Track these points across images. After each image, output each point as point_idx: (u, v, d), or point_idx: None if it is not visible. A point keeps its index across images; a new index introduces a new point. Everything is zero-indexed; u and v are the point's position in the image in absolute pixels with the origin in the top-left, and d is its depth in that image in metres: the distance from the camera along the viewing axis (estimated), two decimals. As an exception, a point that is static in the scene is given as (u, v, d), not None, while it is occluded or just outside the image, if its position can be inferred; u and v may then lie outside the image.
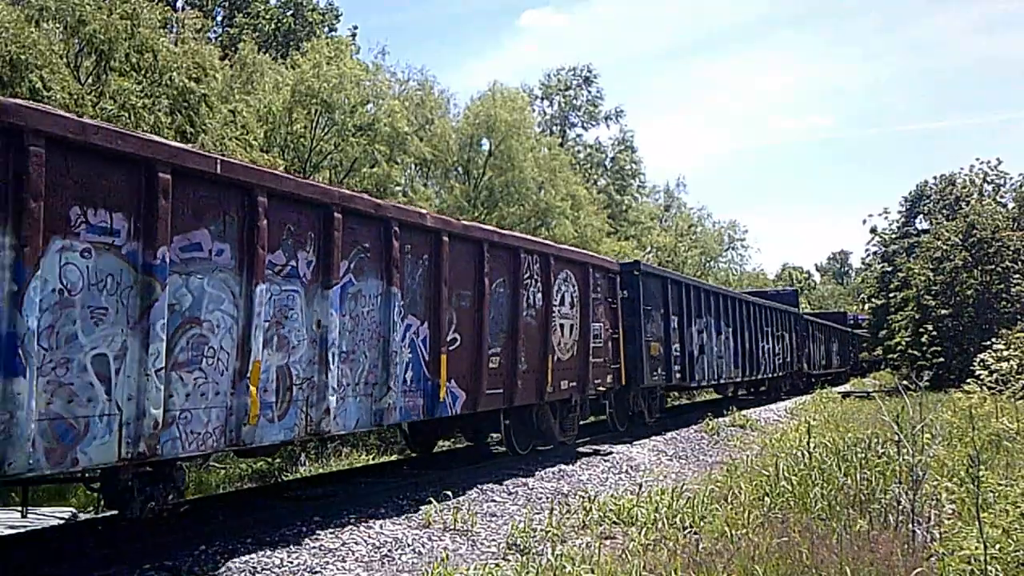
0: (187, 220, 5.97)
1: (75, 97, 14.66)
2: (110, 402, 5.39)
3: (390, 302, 8.08)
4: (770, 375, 24.81)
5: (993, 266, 28.56)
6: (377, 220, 7.97)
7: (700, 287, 19.07)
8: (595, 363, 12.53)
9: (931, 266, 30.40)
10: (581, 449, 12.77)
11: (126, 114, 15.11)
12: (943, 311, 29.04)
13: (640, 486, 8.97)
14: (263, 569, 5.99)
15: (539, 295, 10.92)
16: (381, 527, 7.33)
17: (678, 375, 16.35)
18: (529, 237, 11.71)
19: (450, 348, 9.08)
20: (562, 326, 11.56)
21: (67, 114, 5.38)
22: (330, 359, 7.24)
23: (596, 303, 12.65)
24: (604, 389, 13.22)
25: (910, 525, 6.29)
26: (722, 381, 20.39)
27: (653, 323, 15.16)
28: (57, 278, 5.09)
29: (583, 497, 8.50)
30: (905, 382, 10.42)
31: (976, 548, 5.07)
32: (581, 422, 13.07)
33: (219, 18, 34.79)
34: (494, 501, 8.80)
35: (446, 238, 8.94)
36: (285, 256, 6.88)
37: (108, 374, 5.39)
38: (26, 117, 4.91)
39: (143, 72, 16.44)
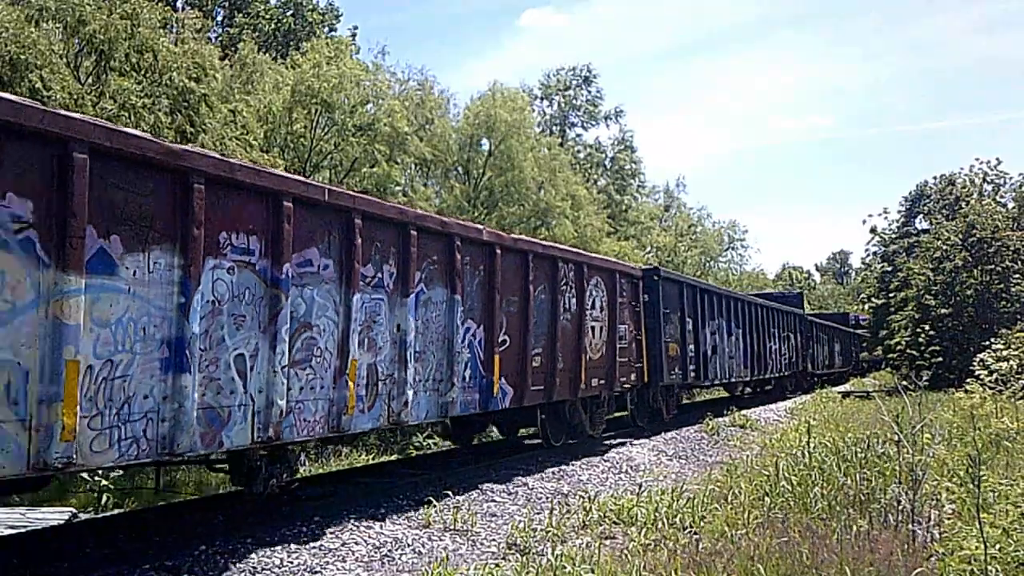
0: (302, 240, 7.05)
1: (75, 97, 14.66)
2: (246, 394, 6.44)
3: (453, 308, 9.13)
4: (777, 375, 25.68)
5: (993, 266, 28.56)
6: (443, 236, 9.03)
7: (713, 291, 19.93)
8: (621, 362, 13.39)
9: (931, 266, 30.41)
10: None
11: (126, 114, 15.11)
12: (943, 311, 29.04)
13: (640, 486, 8.98)
14: (263, 569, 5.99)
15: (573, 300, 11.89)
16: (381, 527, 7.34)
17: (693, 374, 17.16)
18: (566, 247, 12.85)
19: (501, 349, 10.08)
20: (593, 328, 12.47)
21: (223, 157, 6.49)
22: (407, 358, 8.32)
23: (622, 307, 13.54)
24: (629, 387, 14.03)
25: (910, 525, 6.29)
26: (733, 380, 21.18)
27: (671, 325, 16.00)
28: (211, 291, 6.16)
29: (583, 497, 8.50)
30: (905, 382, 10.44)
31: (976, 548, 5.08)
32: (607, 417, 13.86)
33: (219, 18, 34.80)
34: (494, 501, 8.80)
35: (498, 251, 9.96)
36: (373, 269, 7.97)
37: (245, 370, 6.43)
38: (193, 161, 6.00)
39: (143, 72, 16.45)
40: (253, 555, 6.26)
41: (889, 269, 37.11)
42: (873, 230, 40.91)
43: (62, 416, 5.04)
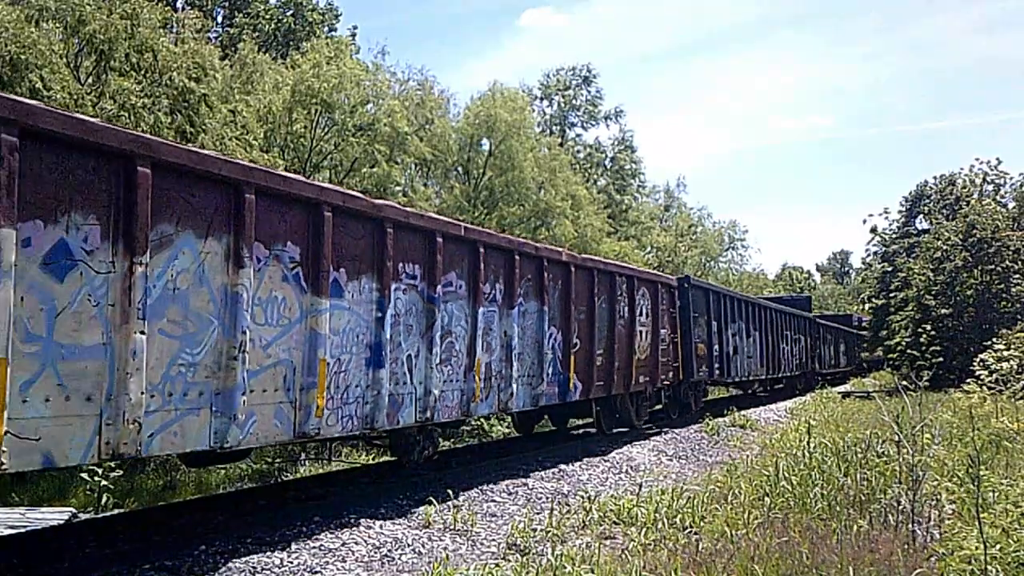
0: (446, 266, 9.07)
1: (75, 97, 14.67)
2: (411, 384, 8.54)
3: (542, 317, 11.08)
4: (788, 374, 27.50)
5: (993, 266, 28.56)
6: (536, 258, 10.94)
7: (734, 296, 21.89)
8: (662, 361, 15.35)
9: (931, 266, 30.41)
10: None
11: (126, 114, 15.12)
12: (943, 311, 29.04)
13: (640, 486, 8.97)
14: (263, 569, 5.99)
15: (626, 308, 13.80)
16: (381, 527, 7.34)
17: (717, 371, 18.99)
18: (622, 264, 15.14)
19: (574, 350, 11.93)
20: (641, 332, 14.36)
21: (403, 207, 8.57)
22: (512, 359, 10.30)
23: (662, 313, 15.45)
24: (668, 383, 15.91)
25: (910, 525, 6.29)
26: (750, 378, 22.87)
27: (699, 328, 17.76)
28: (394, 307, 8.24)
29: (583, 497, 8.51)
30: (905, 382, 10.44)
31: (976, 548, 5.08)
32: (649, 409, 15.64)
33: (219, 18, 34.81)
34: (494, 501, 8.80)
35: (572, 268, 11.84)
36: (490, 288, 9.91)
37: (411, 367, 8.55)
38: (388, 212, 8.12)
39: (143, 72, 16.45)
40: (253, 555, 6.26)
41: (889, 269, 37.12)
42: (873, 230, 40.92)
43: (316, 399, 7.14)
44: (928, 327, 28.61)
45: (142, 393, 5.54)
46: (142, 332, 5.54)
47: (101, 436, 5.33)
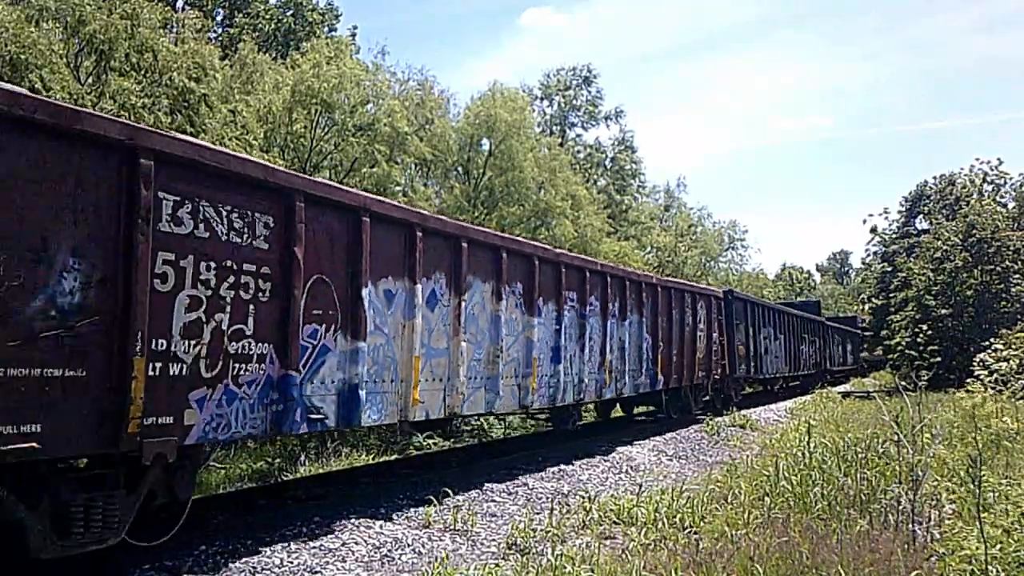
0: (591, 291, 12.56)
1: (75, 97, 14.66)
2: (572, 375, 12.01)
3: (641, 326, 14.70)
4: (805, 372, 30.99)
5: (993, 266, 28.56)
6: (637, 282, 14.62)
7: (765, 305, 25.95)
8: (714, 360, 18.76)
9: (931, 266, 30.40)
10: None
11: (126, 114, 15.11)
12: (943, 311, 29.04)
13: (640, 486, 8.97)
14: (263, 569, 5.99)
15: (690, 317, 17.28)
16: (381, 527, 7.33)
17: (753, 369, 22.60)
18: (690, 283, 19.95)
19: (660, 351, 15.49)
20: (699, 336, 17.75)
21: (573, 253, 13.33)
22: (625, 358, 13.90)
23: (713, 319, 18.78)
24: (717, 378, 19.13)
25: (910, 525, 6.29)
26: (776, 375, 26.59)
27: (739, 332, 21.10)
28: (565, 322, 11.71)
29: (583, 497, 8.50)
30: (905, 382, 10.43)
31: (976, 548, 5.08)
32: (703, 399, 18.95)
33: (219, 18, 34.78)
34: (494, 501, 8.80)
35: (659, 289, 15.65)
36: (612, 305, 13.35)
37: (571, 363, 11.94)
38: (562, 256, 11.79)
39: (143, 72, 16.44)
40: (253, 555, 6.26)
41: (889, 269, 37.12)
42: (873, 230, 40.93)
43: (531, 383, 10.83)
44: (928, 327, 28.63)
45: (462, 377, 9.30)
46: (464, 341, 9.34)
47: (445, 401, 9.08)
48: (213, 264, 6.07)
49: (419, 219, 8.55)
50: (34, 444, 4.85)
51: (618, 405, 17.77)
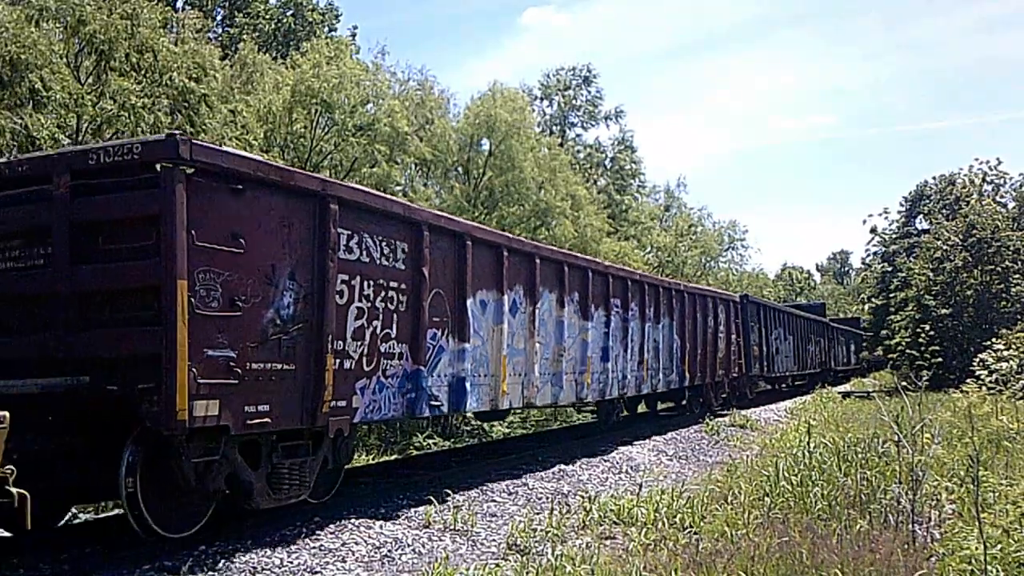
0: (632, 298, 14.23)
1: (75, 97, 14.66)
2: (617, 372, 13.64)
3: (671, 329, 16.33)
4: (812, 371, 32.44)
5: (993, 266, 28.56)
6: (668, 289, 16.31)
7: (776, 307, 28.08)
8: (732, 360, 20.57)
9: (931, 266, 30.41)
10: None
11: (126, 114, 15.11)
12: (943, 311, 29.04)
13: (640, 486, 8.97)
14: (263, 569, 5.99)
15: (711, 320, 18.87)
16: (381, 527, 7.33)
17: (766, 368, 24.40)
18: (714, 289, 23.06)
19: (686, 351, 17.09)
20: (719, 337, 19.47)
21: (617, 264, 16.27)
22: (659, 357, 15.66)
23: (732, 321, 20.57)
24: (736, 376, 20.93)
25: (910, 525, 6.29)
26: (787, 374, 28.35)
27: (754, 333, 22.84)
28: (612, 327, 13.33)
29: (583, 497, 8.50)
30: (905, 382, 10.43)
31: (976, 548, 5.08)
32: (722, 396, 20.51)
33: (219, 18, 34.78)
34: (494, 501, 8.80)
35: (686, 295, 17.35)
36: (650, 311, 15.10)
37: (617, 361, 13.58)
38: (610, 269, 13.84)
39: (143, 72, 16.44)
40: (253, 555, 6.26)
41: (889, 269, 37.15)
42: (873, 230, 40.96)
43: (586, 379, 12.51)
44: (928, 327, 28.60)
45: (536, 373, 10.96)
46: (538, 342, 10.95)
47: (523, 393, 10.75)
48: (371, 282, 7.83)
49: (505, 241, 10.54)
50: (267, 420, 6.57)
51: (642, 401, 18.94)
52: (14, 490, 5.09)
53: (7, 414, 5.05)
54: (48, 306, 6.25)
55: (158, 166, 5.95)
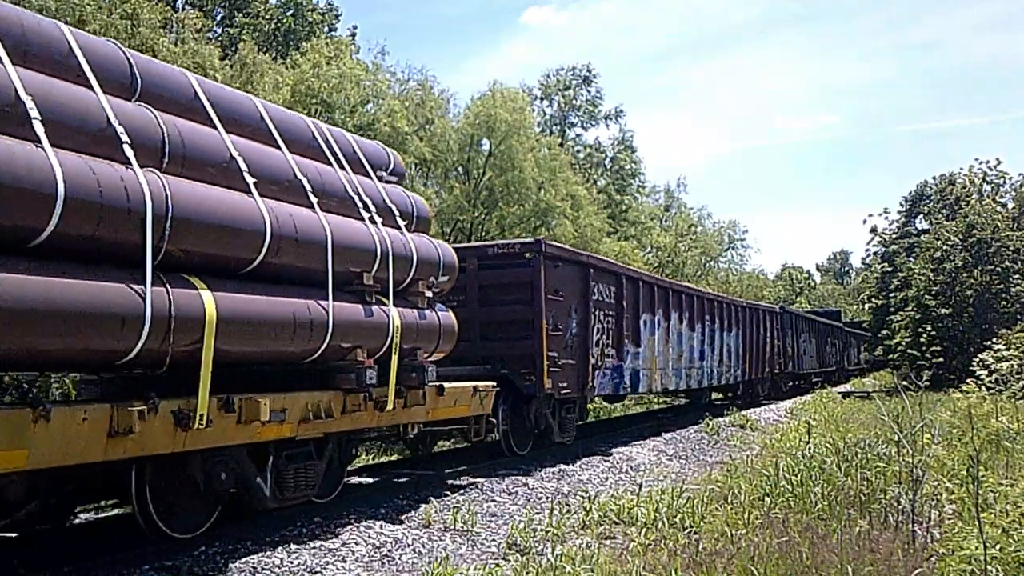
0: (715, 313, 19.98)
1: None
2: (704, 367, 19.06)
3: (737, 335, 21.46)
4: (829, 369, 37.91)
5: (993, 266, 28.56)
6: (733, 305, 21.44)
7: (803, 315, 34.21)
8: (774, 359, 25.74)
9: (931, 266, 30.41)
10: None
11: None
12: (943, 311, 29.05)
13: (640, 486, 8.97)
14: (263, 569, 5.99)
15: (761, 326, 24.15)
16: (381, 527, 7.34)
17: (795, 366, 29.49)
18: (759, 302, 30.17)
19: (745, 352, 22.29)
20: (766, 341, 24.85)
21: (707, 289, 25.78)
22: (722, 357, 20.28)
23: (773, 328, 25.99)
24: (777, 372, 26.41)
25: (910, 525, 6.29)
26: (810, 371, 33.09)
27: (788, 337, 28.20)
28: (704, 333, 19.04)
29: (583, 497, 8.50)
30: (905, 382, 10.43)
31: (976, 548, 5.07)
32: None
33: (219, 18, 34.74)
34: (494, 501, 8.81)
35: (746, 308, 22.85)
36: (727, 322, 20.62)
37: (705, 360, 19.08)
38: (703, 292, 20.88)
39: (143, 72, 16.41)
40: (253, 555, 6.26)
41: (889, 269, 37.14)
42: (873, 230, 40.93)
43: (693, 372, 18.30)
44: (928, 327, 28.62)
45: (669, 369, 16.60)
46: (670, 347, 16.42)
47: (662, 382, 16.44)
48: (602, 311, 13.48)
49: (651, 278, 16.65)
50: (569, 391, 12.05)
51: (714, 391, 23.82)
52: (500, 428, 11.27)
53: (494, 384, 10.30)
54: (467, 328, 10.34)
55: (527, 254, 11.49)
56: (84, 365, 5.83)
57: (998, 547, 5.11)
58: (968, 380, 11.56)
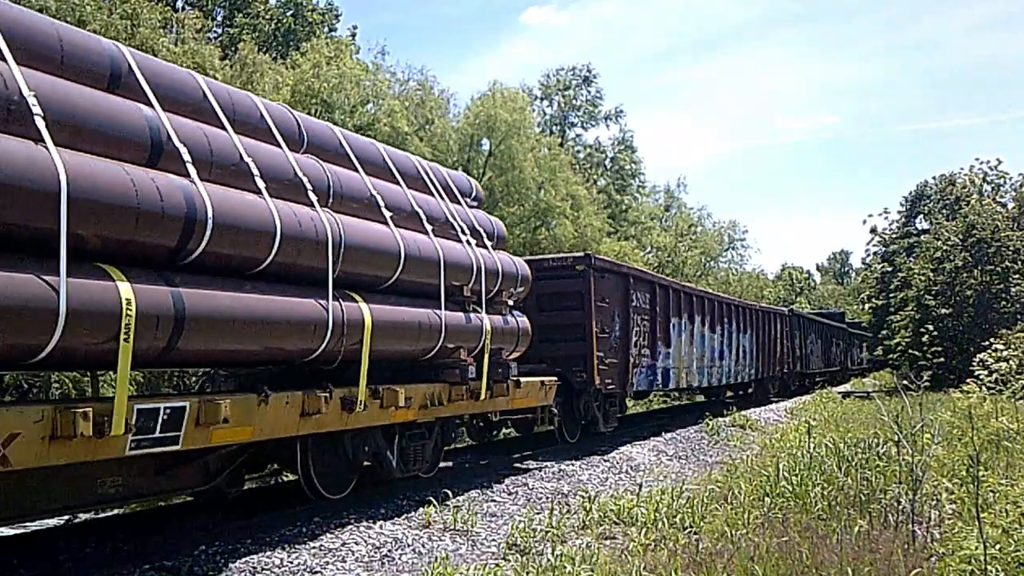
0: (732, 316, 21.55)
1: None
2: (723, 366, 20.88)
3: (751, 336, 23.12)
4: (834, 368, 40.10)
5: (993, 266, 28.56)
6: (748, 308, 23.41)
7: (809, 317, 36.04)
8: (783, 359, 27.46)
9: (931, 266, 30.41)
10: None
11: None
12: (943, 311, 29.05)
13: (640, 486, 8.97)
14: (263, 569, 5.99)
15: (772, 328, 25.76)
16: (381, 527, 7.34)
17: (803, 366, 31.39)
18: (771, 306, 32.18)
19: (758, 352, 23.93)
20: (776, 342, 26.38)
21: (729, 296, 26.94)
22: (738, 356, 22.09)
23: (783, 330, 27.61)
24: (788, 371, 28.19)
25: (910, 525, 6.29)
26: (816, 370, 34.72)
27: (797, 338, 30.15)
28: (723, 335, 20.82)
29: (583, 497, 8.50)
30: (905, 382, 10.43)
31: (976, 548, 5.07)
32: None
33: (219, 18, 34.76)
34: (494, 501, 8.81)
35: (760, 312, 24.62)
36: (743, 324, 22.43)
37: (722, 359, 20.70)
38: (723, 298, 22.46)
39: (143, 72, 16.42)
40: (253, 555, 6.26)
41: (889, 269, 37.14)
42: (873, 230, 40.92)
43: (714, 371, 20.04)
44: (928, 327, 28.62)
45: (694, 367, 18.32)
46: (694, 348, 18.29)
47: (687, 379, 18.23)
48: (639, 317, 14.92)
49: (679, 286, 18.45)
50: (614, 387, 13.96)
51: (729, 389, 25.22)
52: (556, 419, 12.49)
53: (556, 379, 11.61)
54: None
55: (579, 267, 12.95)
56: (285, 360, 7.05)
57: (998, 547, 5.11)
58: (968, 380, 11.57)
